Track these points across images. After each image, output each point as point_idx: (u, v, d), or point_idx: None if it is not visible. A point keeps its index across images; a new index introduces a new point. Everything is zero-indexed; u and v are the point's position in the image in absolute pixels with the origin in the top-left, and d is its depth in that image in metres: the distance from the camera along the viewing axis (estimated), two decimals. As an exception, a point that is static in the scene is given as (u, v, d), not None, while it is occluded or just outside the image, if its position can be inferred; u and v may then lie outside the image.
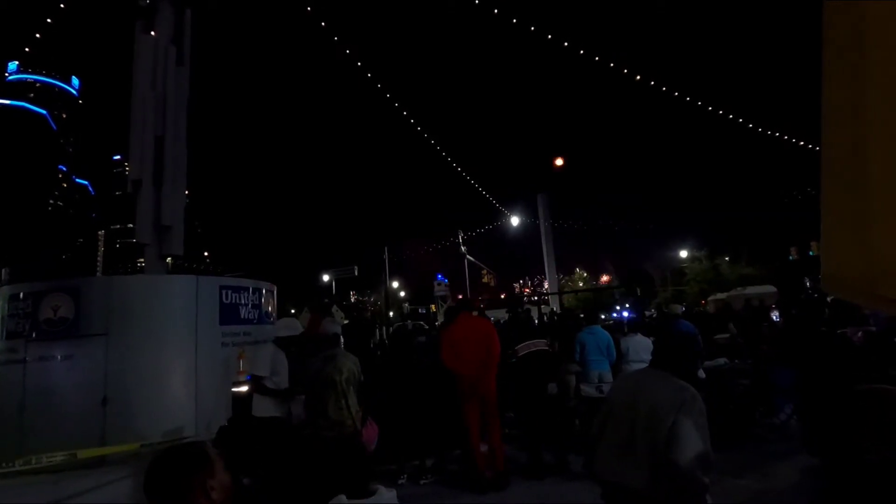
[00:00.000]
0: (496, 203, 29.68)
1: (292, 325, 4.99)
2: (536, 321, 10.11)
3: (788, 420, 6.63)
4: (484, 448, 5.20)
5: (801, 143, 20.25)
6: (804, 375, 5.11)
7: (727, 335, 8.99)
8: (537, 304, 16.50)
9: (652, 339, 6.16)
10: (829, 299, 9.57)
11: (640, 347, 6.18)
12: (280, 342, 4.82)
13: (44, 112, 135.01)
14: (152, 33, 6.56)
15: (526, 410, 5.76)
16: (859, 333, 7.00)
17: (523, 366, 5.66)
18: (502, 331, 7.57)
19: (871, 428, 2.33)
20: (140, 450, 4.13)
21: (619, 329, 7.97)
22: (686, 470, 2.12)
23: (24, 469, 3.92)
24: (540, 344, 5.79)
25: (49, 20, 11.09)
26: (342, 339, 5.19)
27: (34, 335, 4.96)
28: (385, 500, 1.57)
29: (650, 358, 2.69)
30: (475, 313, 6.48)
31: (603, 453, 2.49)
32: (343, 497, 1.51)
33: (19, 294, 5.15)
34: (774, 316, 12.95)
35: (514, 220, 28.30)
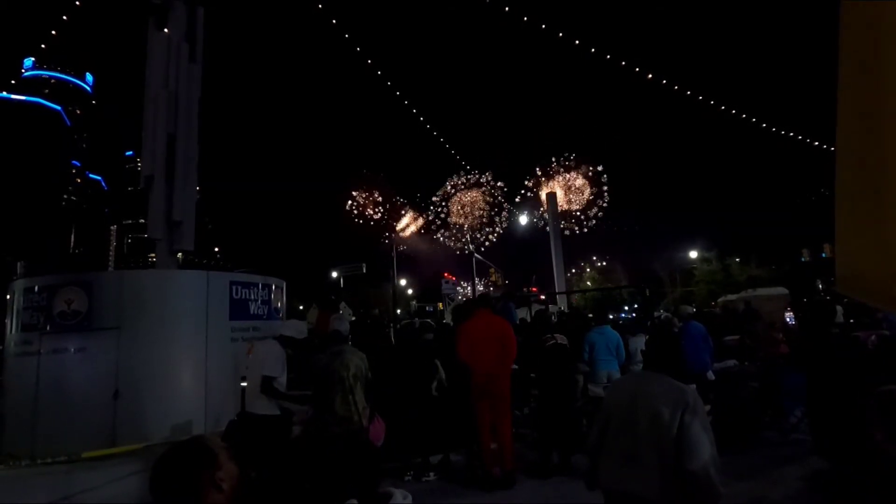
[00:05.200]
0: (505, 202, 29.59)
1: (298, 328, 4.77)
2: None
3: (798, 423, 6.55)
4: (494, 446, 5.20)
5: (815, 143, 19.98)
6: (816, 378, 5.05)
7: (737, 336, 8.90)
8: (545, 303, 16.42)
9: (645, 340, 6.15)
10: (841, 302, 9.45)
11: (649, 348, 6.14)
12: (282, 341, 4.59)
13: (58, 108, 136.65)
14: (165, 31, 6.62)
15: (546, 407, 5.75)
16: (873, 337, 6.90)
17: (549, 357, 5.70)
18: (527, 327, 7.58)
19: (890, 430, 2.30)
20: (146, 449, 4.17)
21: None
22: (704, 478, 2.08)
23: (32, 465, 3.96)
24: (561, 338, 5.83)
25: (64, 17, 11.23)
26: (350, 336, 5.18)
27: (48, 328, 5.04)
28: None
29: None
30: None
31: (606, 462, 2.42)
32: (354, 501, 1.49)
33: (34, 287, 5.23)
34: (789, 318, 12.82)
35: (523, 219, 28.22)
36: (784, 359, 7.10)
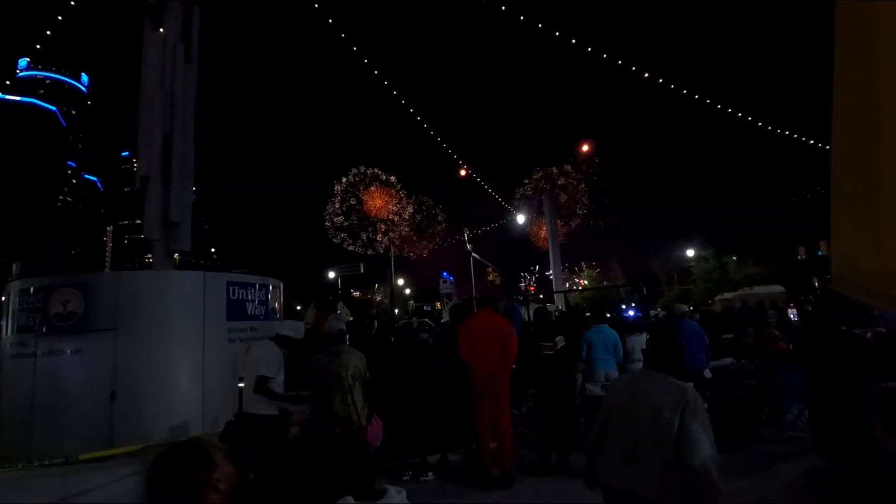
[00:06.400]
0: (502, 201, 29.59)
1: (295, 328, 4.76)
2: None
3: (795, 420, 6.58)
4: (493, 445, 5.21)
5: (810, 141, 20.05)
6: (817, 375, 5.07)
7: (733, 335, 8.93)
8: (543, 301, 16.45)
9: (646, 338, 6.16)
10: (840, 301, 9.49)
11: (647, 347, 6.15)
12: (279, 341, 4.55)
13: (53, 108, 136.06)
14: (161, 31, 6.59)
15: (545, 407, 5.75)
16: (868, 334, 6.93)
17: (557, 358, 5.70)
18: (527, 327, 7.58)
19: (889, 425, 2.31)
20: (144, 450, 4.16)
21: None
22: (704, 475, 2.09)
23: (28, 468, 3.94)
24: (562, 340, 5.84)
25: (59, 17, 11.18)
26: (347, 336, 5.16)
27: (44, 329, 5.02)
28: (395, 501, 1.53)
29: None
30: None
31: (606, 460, 2.43)
32: (350, 498, 1.49)
33: (30, 289, 5.21)
34: (792, 315, 12.86)
35: (521, 219, 28.21)
36: (781, 356, 7.13)
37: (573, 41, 16.23)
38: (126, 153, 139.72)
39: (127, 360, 4.91)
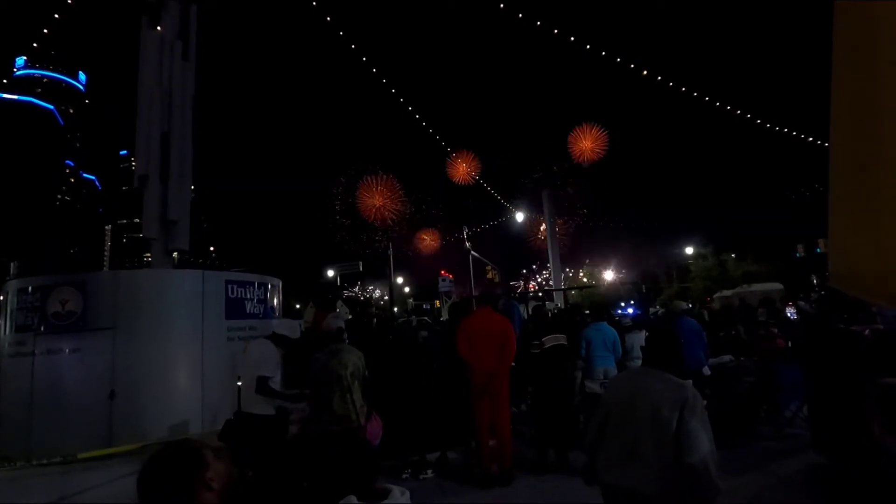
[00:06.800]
0: (501, 199, 29.56)
1: (291, 327, 4.69)
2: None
3: (793, 418, 6.59)
4: (492, 443, 5.21)
5: (808, 138, 20.06)
6: (818, 372, 5.08)
7: (731, 332, 8.94)
8: (542, 299, 16.47)
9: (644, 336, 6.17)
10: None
11: (646, 344, 6.15)
12: (275, 339, 4.47)
13: (51, 107, 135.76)
14: (158, 29, 6.58)
15: (542, 405, 5.76)
16: (867, 331, 6.94)
17: (548, 357, 5.69)
18: (524, 324, 7.57)
19: (887, 421, 2.31)
20: (143, 449, 4.16)
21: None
22: (703, 472, 2.09)
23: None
24: (561, 338, 5.82)
25: (56, 16, 11.14)
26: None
27: (42, 328, 5.01)
28: (399, 502, 1.52)
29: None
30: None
31: (605, 458, 2.43)
32: (353, 498, 1.48)
33: (28, 288, 5.20)
34: (791, 313, 12.89)
35: (519, 216, 28.19)
36: (780, 354, 7.14)
37: (571, 38, 16.22)
38: (124, 152, 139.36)
39: (126, 359, 4.91)
